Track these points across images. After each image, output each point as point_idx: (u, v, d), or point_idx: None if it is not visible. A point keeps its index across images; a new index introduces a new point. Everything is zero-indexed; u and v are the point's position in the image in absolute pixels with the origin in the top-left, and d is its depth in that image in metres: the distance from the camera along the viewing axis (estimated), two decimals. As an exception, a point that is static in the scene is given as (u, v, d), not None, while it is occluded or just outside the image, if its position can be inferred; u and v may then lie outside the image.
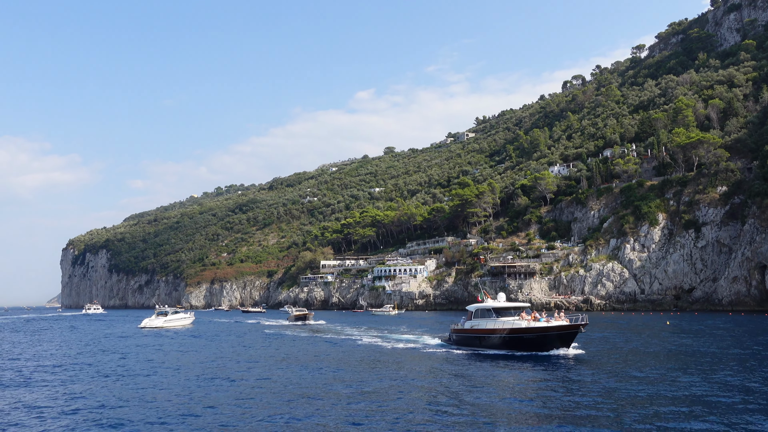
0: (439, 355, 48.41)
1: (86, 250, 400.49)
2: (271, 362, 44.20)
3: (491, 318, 49.60)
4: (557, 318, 47.80)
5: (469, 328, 52.05)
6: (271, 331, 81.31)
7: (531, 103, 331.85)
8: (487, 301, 53.59)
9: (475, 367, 40.00)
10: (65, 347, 60.22)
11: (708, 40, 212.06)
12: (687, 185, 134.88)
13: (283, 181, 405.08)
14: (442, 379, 34.65)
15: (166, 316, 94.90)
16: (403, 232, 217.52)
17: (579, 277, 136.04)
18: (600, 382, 32.13)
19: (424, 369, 39.48)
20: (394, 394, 29.27)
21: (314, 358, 46.92)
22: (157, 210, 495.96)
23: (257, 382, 34.16)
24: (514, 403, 26.87)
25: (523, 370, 38.32)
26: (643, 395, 28.14)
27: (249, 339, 69.12)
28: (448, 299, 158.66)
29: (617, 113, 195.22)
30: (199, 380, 35.07)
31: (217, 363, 44.29)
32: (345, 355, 48.54)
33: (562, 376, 34.60)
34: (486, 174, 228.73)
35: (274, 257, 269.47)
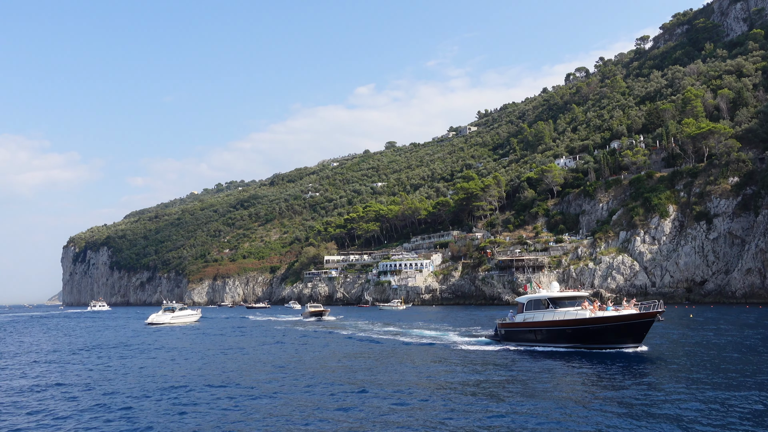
0: (506, 355, 42.08)
1: (87, 248, 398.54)
2: (338, 371, 35.34)
3: (548, 309, 44.81)
4: (627, 306, 42.71)
5: (522, 321, 47.19)
6: (291, 329, 77.86)
7: (534, 96, 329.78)
8: (539, 291, 49.31)
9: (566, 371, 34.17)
10: (95, 354, 55.46)
11: (714, 30, 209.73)
12: (698, 176, 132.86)
13: (284, 176, 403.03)
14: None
15: (173, 312, 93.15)
16: (407, 226, 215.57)
17: (588, 271, 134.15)
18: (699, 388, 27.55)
19: (508, 374, 32.97)
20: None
21: (379, 364, 38.64)
22: (158, 207, 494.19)
23: (358, 402, 26.00)
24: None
25: (588, 369, 34.12)
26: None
27: (274, 338, 64.17)
28: (455, 294, 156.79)
29: (623, 105, 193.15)
30: (281, 395, 28.75)
31: (279, 370, 36.91)
32: (406, 357, 41.98)
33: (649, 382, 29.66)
34: (490, 167, 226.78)
35: (276, 253, 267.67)
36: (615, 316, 40.68)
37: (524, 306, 47.74)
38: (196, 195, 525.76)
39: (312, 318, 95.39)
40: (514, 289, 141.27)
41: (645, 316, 40.03)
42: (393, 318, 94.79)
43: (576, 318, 42.34)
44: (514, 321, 48.66)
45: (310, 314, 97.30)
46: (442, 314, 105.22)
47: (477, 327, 67.46)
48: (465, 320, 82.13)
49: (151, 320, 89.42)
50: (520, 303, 48.74)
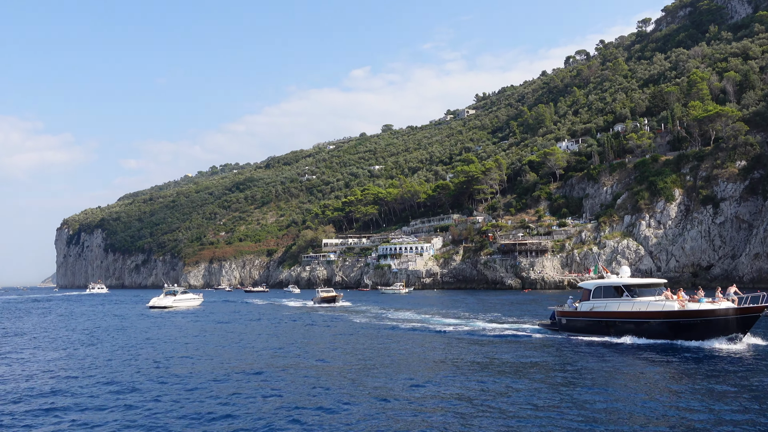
0: (589, 351, 36.12)
1: (81, 230, 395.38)
2: (427, 371, 29.79)
3: (624, 298, 39.62)
4: (721, 299, 37.47)
5: (589, 311, 41.94)
6: (307, 315, 73.51)
7: (533, 80, 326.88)
8: (609, 276, 44.29)
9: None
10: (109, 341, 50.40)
11: (718, 13, 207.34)
12: (704, 160, 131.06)
13: (280, 159, 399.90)
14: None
15: (175, 296, 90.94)
16: (406, 209, 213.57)
17: (592, 255, 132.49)
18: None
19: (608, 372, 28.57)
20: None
21: (442, 363, 32.76)
22: (152, 189, 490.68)
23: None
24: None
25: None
26: None
27: (294, 325, 58.92)
28: (456, 278, 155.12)
29: (626, 87, 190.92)
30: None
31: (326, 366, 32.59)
32: (483, 353, 36.11)
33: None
34: (489, 151, 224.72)
35: (273, 236, 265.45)
36: (716, 310, 35.94)
37: (591, 293, 42.48)
38: (191, 177, 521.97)
39: (324, 304, 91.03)
40: (516, 273, 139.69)
41: (752, 310, 35.45)
42: (401, 303, 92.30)
43: (665, 310, 37.27)
44: (578, 309, 43.37)
45: (322, 300, 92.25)
46: (449, 299, 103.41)
47: (496, 313, 64.48)
48: (478, 306, 79.60)
49: (153, 303, 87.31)
50: (586, 289, 43.49)
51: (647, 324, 38.21)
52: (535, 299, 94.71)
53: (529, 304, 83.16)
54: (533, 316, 60.87)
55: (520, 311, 68.29)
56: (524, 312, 66.93)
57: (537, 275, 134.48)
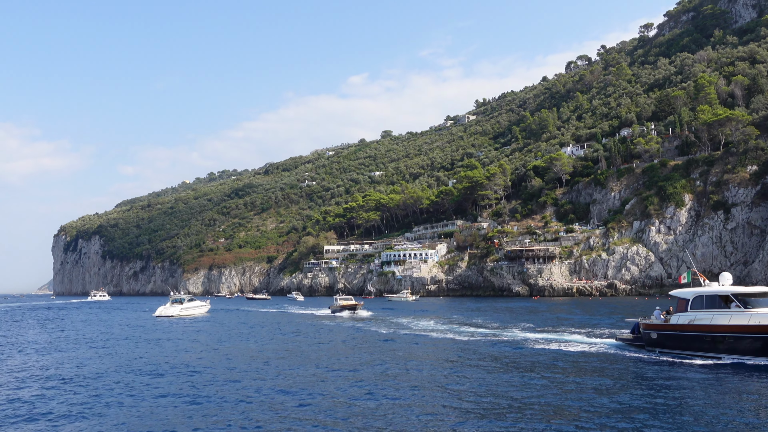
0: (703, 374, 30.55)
1: (78, 237, 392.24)
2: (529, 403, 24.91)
3: (735, 309, 33.80)
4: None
5: (689, 323, 36.05)
6: (333, 325, 67.41)
7: (533, 85, 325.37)
8: (709, 284, 38.06)
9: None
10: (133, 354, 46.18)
11: (722, 17, 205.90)
12: (714, 165, 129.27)
13: (279, 165, 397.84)
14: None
15: (182, 304, 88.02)
16: (408, 215, 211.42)
17: (601, 261, 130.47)
18: None
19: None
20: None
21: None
22: (150, 196, 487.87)
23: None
24: None
25: None
26: None
27: (339, 338, 52.34)
28: (462, 285, 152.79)
29: (631, 92, 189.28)
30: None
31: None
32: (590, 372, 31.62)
33: None
34: (492, 156, 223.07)
35: (273, 242, 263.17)
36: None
37: (689, 303, 36.63)
38: (188, 184, 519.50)
39: (344, 312, 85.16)
40: (524, 280, 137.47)
41: None
42: (417, 311, 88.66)
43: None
44: (674, 322, 37.38)
45: (341, 308, 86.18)
46: (461, 306, 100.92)
47: (528, 323, 61.04)
48: (500, 314, 76.25)
49: (160, 312, 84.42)
50: (682, 298, 37.49)
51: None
52: (552, 307, 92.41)
53: (549, 312, 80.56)
54: (569, 325, 58.24)
55: (551, 321, 65.30)
56: (558, 322, 63.50)
57: (545, 282, 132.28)
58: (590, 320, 64.44)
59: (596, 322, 61.05)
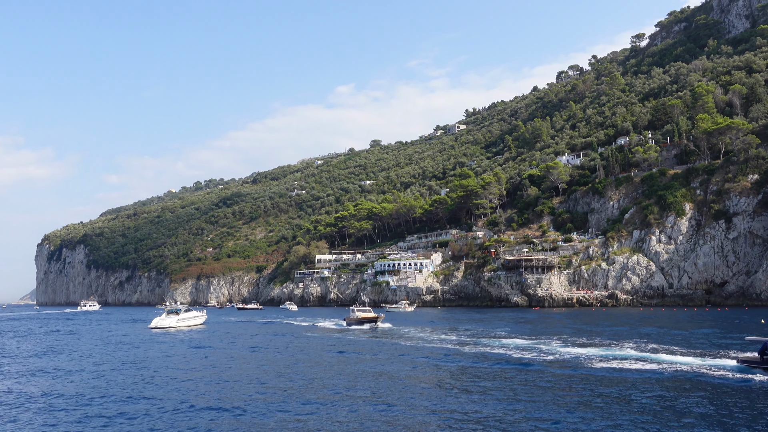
0: None
1: (63, 246, 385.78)
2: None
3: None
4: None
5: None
6: (355, 340, 62.09)
7: (524, 95, 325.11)
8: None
9: None
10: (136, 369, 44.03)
11: (715, 27, 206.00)
12: (714, 173, 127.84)
13: (267, 174, 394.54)
14: None
15: (179, 315, 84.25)
16: (401, 225, 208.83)
17: (601, 271, 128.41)
18: None
19: None
20: None
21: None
22: (135, 204, 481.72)
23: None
24: None
25: None
26: None
27: (371, 358, 46.58)
28: (458, 295, 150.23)
29: (626, 101, 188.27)
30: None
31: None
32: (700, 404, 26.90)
33: None
34: (484, 165, 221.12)
35: (262, 252, 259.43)
36: None
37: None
38: (175, 193, 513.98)
39: (363, 326, 77.71)
40: (522, 290, 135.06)
41: None
42: (430, 322, 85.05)
43: None
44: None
45: (359, 321, 78.94)
46: (465, 317, 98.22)
47: (555, 336, 57.25)
48: (517, 326, 73.37)
49: (155, 324, 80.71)
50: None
51: None
52: (565, 317, 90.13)
53: (576, 323, 78.06)
54: (626, 338, 53.69)
55: (577, 331, 62.52)
56: (592, 333, 60.43)
57: (544, 292, 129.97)
58: (639, 332, 60.38)
59: (661, 337, 55.56)
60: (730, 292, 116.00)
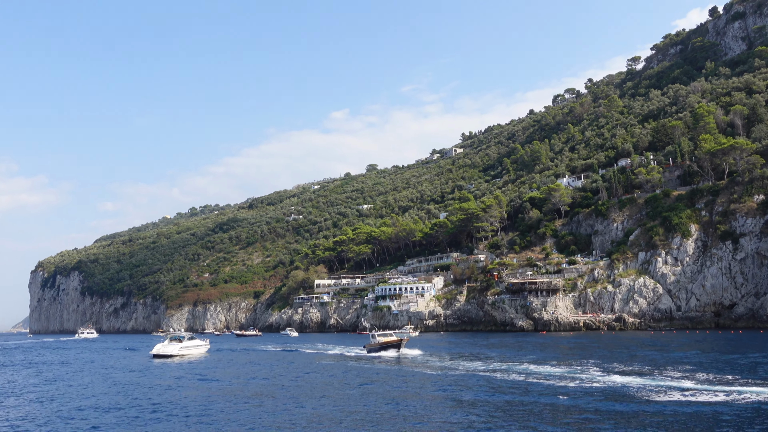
0: None
1: (57, 273, 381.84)
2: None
3: None
4: None
5: None
6: (382, 368, 57.50)
7: (520, 118, 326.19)
8: None
9: None
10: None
11: (712, 50, 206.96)
12: (719, 194, 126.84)
13: (263, 199, 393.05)
14: None
15: (182, 342, 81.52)
16: (400, 248, 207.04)
17: (607, 294, 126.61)
18: None
19: None
20: None
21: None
22: (130, 231, 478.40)
23: None
24: None
25: None
26: None
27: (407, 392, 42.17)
28: (461, 319, 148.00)
29: (625, 123, 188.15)
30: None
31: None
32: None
33: None
34: (483, 188, 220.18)
35: (260, 277, 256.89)
36: None
37: None
38: (170, 219, 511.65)
39: (387, 352, 71.27)
40: (527, 314, 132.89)
41: None
42: (447, 348, 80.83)
43: None
44: None
45: (382, 347, 72.39)
46: (471, 342, 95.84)
47: (591, 362, 54.23)
48: (548, 352, 70.28)
49: (157, 351, 77.98)
50: None
51: None
52: (578, 341, 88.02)
53: (585, 346, 75.91)
54: (644, 363, 50.93)
55: (605, 356, 59.74)
56: (622, 359, 57.59)
57: (550, 316, 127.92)
58: (676, 357, 57.48)
59: (712, 363, 51.49)
60: (740, 314, 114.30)
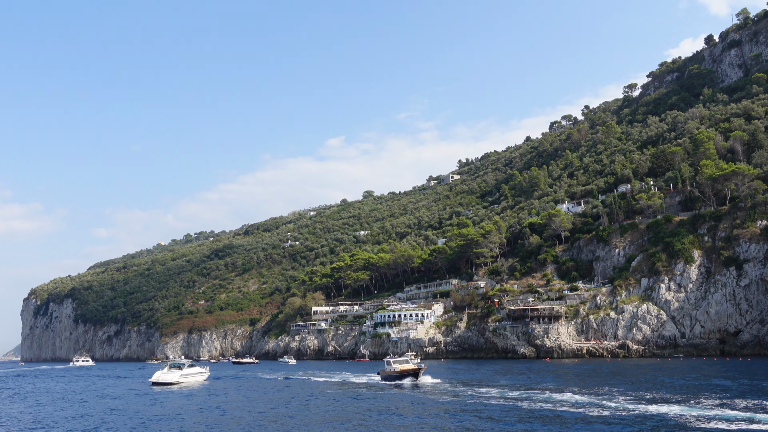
0: None
1: (50, 300, 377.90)
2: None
3: None
4: None
5: None
6: (407, 397, 54.61)
7: (517, 145, 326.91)
8: None
9: None
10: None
11: (709, 77, 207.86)
12: (722, 220, 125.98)
13: (259, 225, 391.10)
14: None
15: (182, 369, 79.33)
16: (399, 275, 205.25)
17: (610, 321, 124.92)
18: None
19: None
20: None
21: None
22: (125, 258, 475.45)
23: None
24: None
25: None
26: None
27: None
28: (461, 347, 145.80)
29: (623, 149, 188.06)
30: None
31: None
32: None
33: None
34: (481, 215, 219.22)
35: (256, 304, 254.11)
36: None
37: None
38: (164, 246, 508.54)
39: (403, 380, 67.93)
40: (530, 341, 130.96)
41: None
42: (456, 375, 77.86)
43: None
44: None
45: (399, 375, 68.93)
46: (489, 369, 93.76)
47: (614, 389, 51.92)
48: (571, 378, 67.98)
49: (156, 378, 75.78)
50: None
51: None
52: (585, 368, 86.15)
53: (599, 373, 74.11)
54: (674, 391, 48.70)
55: (625, 384, 58.04)
56: (645, 386, 55.63)
57: (553, 343, 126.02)
58: (709, 384, 55.23)
59: (752, 390, 49.44)
60: (745, 341, 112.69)
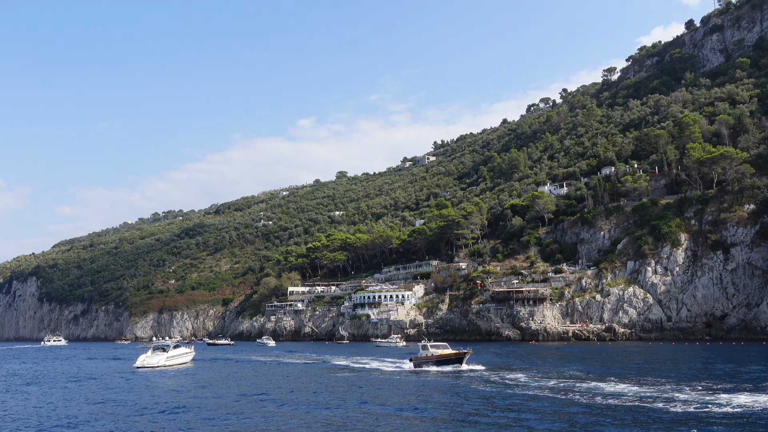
0: None
1: (13, 278, 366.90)
2: None
3: None
4: None
5: None
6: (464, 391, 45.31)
7: (494, 127, 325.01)
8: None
9: None
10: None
11: (690, 61, 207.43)
12: (709, 203, 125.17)
13: (230, 205, 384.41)
14: None
15: (167, 352, 74.69)
16: (376, 256, 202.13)
17: (596, 303, 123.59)
18: None
19: None
20: None
21: None
22: (90, 236, 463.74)
23: None
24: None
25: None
26: None
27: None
28: (443, 328, 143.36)
29: (605, 132, 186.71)
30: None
31: None
32: None
33: None
34: (459, 196, 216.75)
35: (228, 284, 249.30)
36: None
37: None
38: (131, 224, 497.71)
39: (441, 367, 60.81)
40: (514, 324, 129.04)
41: None
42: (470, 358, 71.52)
43: None
44: None
45: (437, 360, 61.81)
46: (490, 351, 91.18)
47: (689, 382, 45.77)
48: (592, 364, 63.71)
49: (141, 363, 70.37)
50: None
51: None
52: (583, 352, 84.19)
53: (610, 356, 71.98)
54: (716, 378, 46.26)
55: (653, 369, 55.62)
56: (681, 372, 52.83)
57: (538, 326, 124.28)
58: (745, 371, 52.84)
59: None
60: (732, 325, 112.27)
